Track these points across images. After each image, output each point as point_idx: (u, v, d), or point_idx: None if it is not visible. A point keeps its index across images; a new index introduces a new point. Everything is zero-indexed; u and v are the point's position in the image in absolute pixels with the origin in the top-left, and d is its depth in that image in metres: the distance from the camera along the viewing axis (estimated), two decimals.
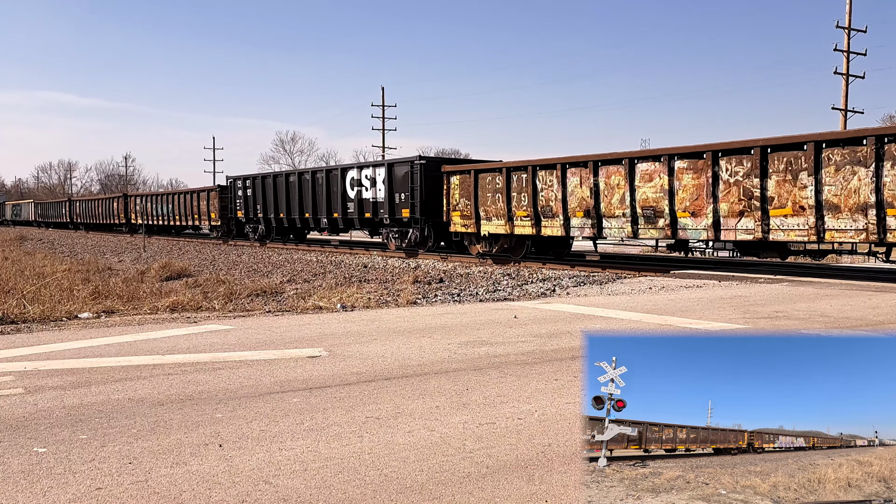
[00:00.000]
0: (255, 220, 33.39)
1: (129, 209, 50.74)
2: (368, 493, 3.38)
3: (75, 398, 5.17)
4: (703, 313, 9.69)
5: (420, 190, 23.10)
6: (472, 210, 21.29)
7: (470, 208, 21.40)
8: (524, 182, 19.49)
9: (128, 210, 51.17)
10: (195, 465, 3.76)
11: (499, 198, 20.39)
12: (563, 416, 4.71)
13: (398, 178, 24.29)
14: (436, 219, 22.98)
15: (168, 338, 7.87)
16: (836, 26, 40.86)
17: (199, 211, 39.93)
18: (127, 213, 51.16)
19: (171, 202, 44.20)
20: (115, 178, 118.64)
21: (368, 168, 26.20)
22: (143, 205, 48.46)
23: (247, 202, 33.90)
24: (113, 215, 53.87)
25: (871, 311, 9.82)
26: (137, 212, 48.93)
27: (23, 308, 10.00)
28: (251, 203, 33.41)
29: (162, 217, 45.32)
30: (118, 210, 52.95)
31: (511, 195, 19.86)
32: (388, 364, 6.38)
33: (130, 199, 51.64)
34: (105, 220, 55.98)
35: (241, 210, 34.51)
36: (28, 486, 3.46)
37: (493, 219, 20.68)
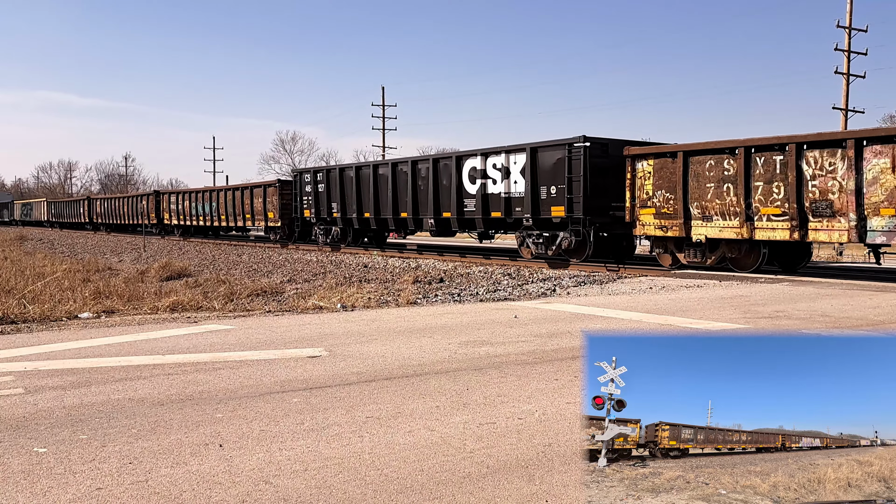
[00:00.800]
0: (328, 221, 28.42)
1: (162, 208, 46.23)
2: (369, 494, 3.38)
3: (75, 398, 5.17)
4: (703, 313, 9.69)
5: (583, 181, 17.89)
6: (677, 206, 16.25)
7: (673, 204, 16.36)
8: (777, 167, 14.52)
9: (160, 209, 46.62)
10: (195, 465, 3.76)
11: (728, 189, 15.30)
12: (564, 415, 4.71)
13: (545, 167, 19.04)
14: (601, 219, 18.15)
15: (168, 338, 7.87)
16: (837, 26, 40.86)
17: (252, 210, 34.97)
18: (159, 212, 46.68)
19: (214, 200, 39.04)
20: (115, 177, 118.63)
21: (498, 155, 20.31)
22: (180, 203, 43.37)
23: (318, 199, 28.73)
24: (140, 215, 48.98)
25: (872, 311, 9.82)
26: (172, 211, 44.31)
27: (23, 308, 10.01)
28: (324, 200, 28.29)
29: (203, 217, 40.26)
30: (147, 209, 48.14)
31: (751, 185, 14.90)
32: (388, 364, 6.38)
33: (163, 196, 46.62)
34: (130, 220, 51.33)
35: (308, 208, 29.35)
36: (28, 486, 3.46)
37: (714, 218, 15.66)
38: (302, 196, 30.01)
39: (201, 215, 40.41)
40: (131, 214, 51.09)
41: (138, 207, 49.68)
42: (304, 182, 29.87)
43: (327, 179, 28.17)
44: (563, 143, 18.53)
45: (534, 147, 19.41)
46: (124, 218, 52.74)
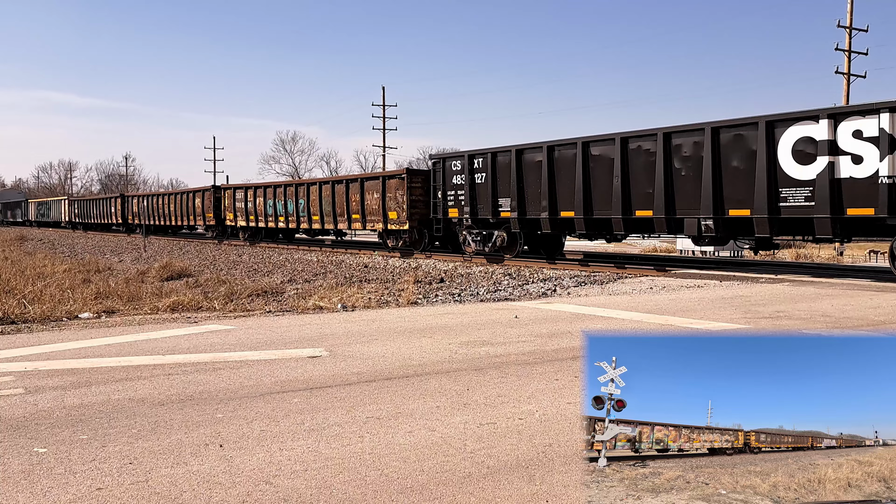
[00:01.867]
0: (491, 223, 21.22)
1: (224, 207, 37.98)
2: (369, 494, 3.38)
3: (76, 398, 5.17)
4: (704, 313, 9.69)
5: None
6: None
7: None
8: None
9: (220, 208, 38.18)
10: (196, 465, 3.76)
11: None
12: (564, 416, 4.71)
13: None
14: None
15: (168, 338, 7.88)
16: (838, 25, 40.84)
17: (362, 209, 26.85)
18: (219, 212, 38.20)
19: (302, 196, 31.16)
20: (116, 177, 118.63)
21: (866, 117, 13.23)
22: (249, 200, 35.30)
23: (475, 193, 21.52)
24: (192, 215, 41.29)
25: (873, 311, 9.81)
26: (238, 210, 36.26)
27: (23, 308, 10.01)
28: (485, 195, 21.15)
29: (283, 217, 32.67)
30: (203, 208, 39.63)
31: None
32: (388, 364, 6.38)
33: (226, 192, 38.12)
34: (179, 220, 43.48)
35: (456, 206, 22.28)
36: (28, 487, 3.46)
37: None
38: (446, 190, 22.64)
39: (281, 215, 32.67)
40: (181, 214, 42.88)
41: (190, 206, 41.34)
42: (451, 171, 22.51)
43: (493, 166, 20.84)
44: None
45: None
46: (171, 218, 44.41)
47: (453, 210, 22.55)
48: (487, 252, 21.47)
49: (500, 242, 21.04)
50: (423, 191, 24.23)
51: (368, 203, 26.58)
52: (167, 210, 45.00)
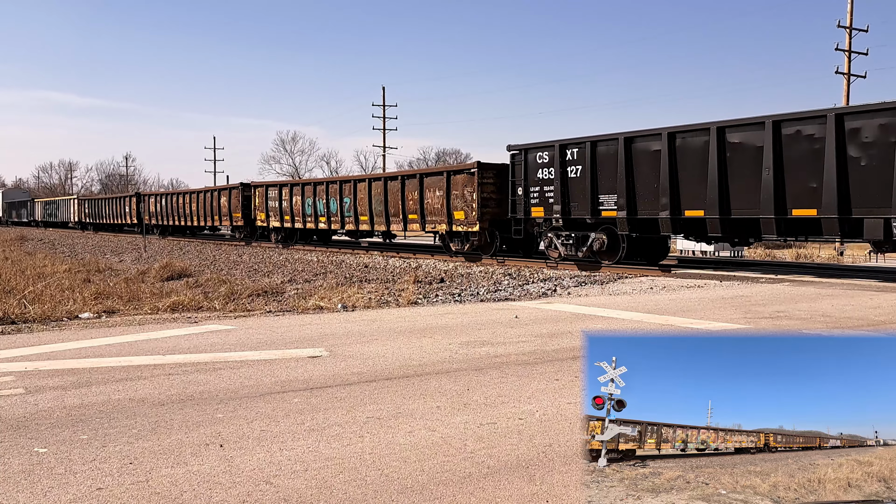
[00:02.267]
0: (589, 224, 18.28)
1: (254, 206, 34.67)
2: (369, 494, 3.38)
3: (76, 398, 5.18)
4: (704, 313, 9.69)
5: None
6: None
7: None
8: None
9: (250, 208, 35.09)
10: (196, 465, 3.76)
11: None
12: (564, 416, 4.71)
13: None
14: None
15: (169, 338, 7.88)
16: (838, 26, 40.84)
17: (421, 208, 23.61)
18: (249, 211, 35.30)
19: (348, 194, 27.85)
20: (116, 178, 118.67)
21: None
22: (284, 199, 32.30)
23: (566, 189, 18.59)
24: (216, 215, 38.19)
25: (873, 311, 9.81)
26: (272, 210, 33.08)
27: (23, 308, 10.01)
28: (580, 190, 18.28)
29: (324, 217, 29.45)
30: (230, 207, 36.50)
31: None
32: (388, 364, 6.38)
33: (256, 190, 34.64)
34: (200, 221, 40.44)
35: (542, 204, 19.30)
36: (29, 486, 3.47)
37: None
38: (528, 186, 19.61)
39: (322, 215, 29.44)
40: (204, 214, 39.70)
41: (215, 205, 38.17)
42: (536, 163, 19.41)
43: (592, 157, 17.88)
44: None
45: None
46: (192, 218, 41.46)
47: (538, 209, 19.38)
48: (580, 257, 18.57)
49: (599, 246, 18.03)
50: (496, 187, 21.17)
51: (429, 202, 23.30)
52: (188, 210, 41.70)
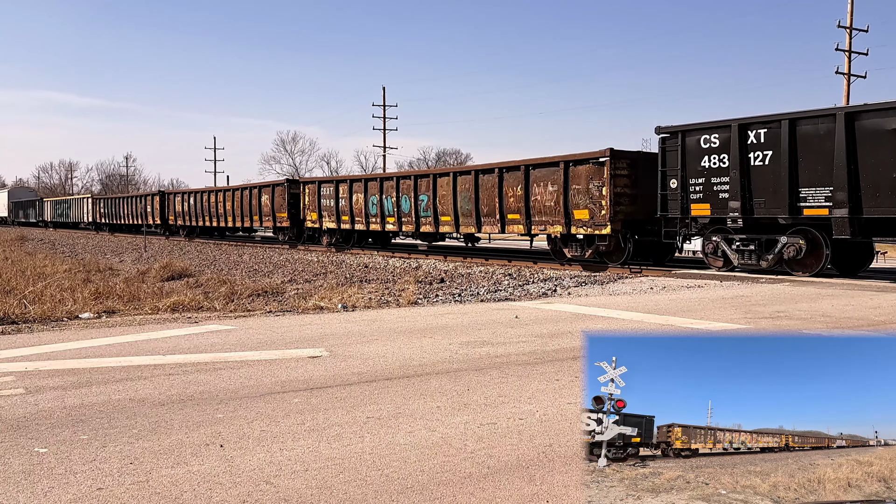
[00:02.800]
0: (781, 225, 15.00)
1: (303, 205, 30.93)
2: (370, 494, 3.38)
3: (76, 398, 5.18)
4: (704, 313, 9.69)
5: None
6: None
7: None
8: None
9: (298, 205, 31.36)
10: (196, 465, 3.76)
11: None
12: (565, 416, 4.71)
13: None
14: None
15: (169, 338, 7.88)
16: (838, 26, 40.85)
17: (526, 206, 20.07)
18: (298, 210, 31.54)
19: (426, 190, 23.81)
20: (116, 178, 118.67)
21: None
22: (342, 196, 28.19)
23: (748, 180, 15.25)
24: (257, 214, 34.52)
25: (873, 311, 9.81)
26: (326, 209, 29.22)
27: (24, 308, 10.01)
28: (773, 180, 14.86)
29: (392, 217, 25.52)
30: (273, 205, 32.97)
31: None
32: (389, 364, 6.38)
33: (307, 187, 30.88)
34: (238, 221, 36.50)
35: (705, 199, 16.03)
36: (29, 487, 3.47)
37: None
38: (688, 177, 16.19)
39: (390, 215, 25.47)
40: (240, 214, 36.05)
41: (254, 203, 34.64)
42: (699, 149, 16.04)
43: (791, 140, 14.47)
44: None
45: None
46: (225, 219, 37.66)
47: (701, 206, 15.92)
48: (764, 267, 15.23)
49: (793, 253, 14.77)
50: (630, 180, 17.82)
51: (538, 198, 19.63)
52: (221, 209, 37.92)
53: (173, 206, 44.72)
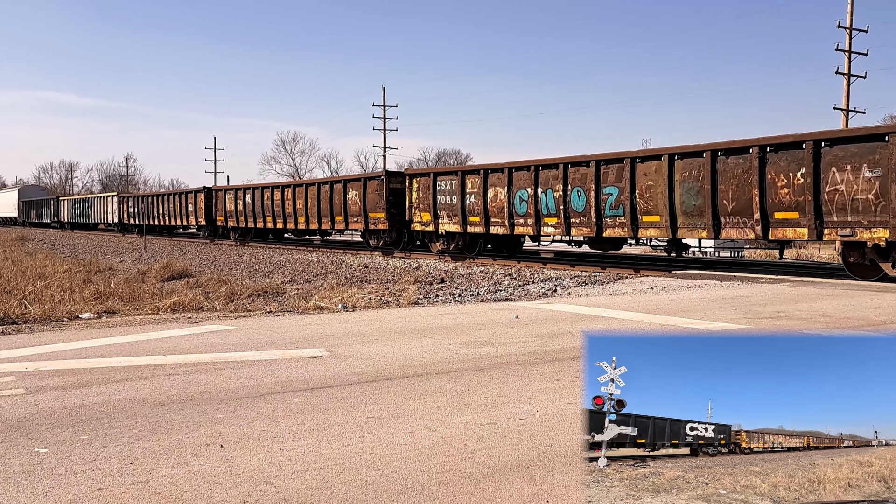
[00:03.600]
0: None
1: (411, 202, 25.00)
2: (370, 494, 3.38)
3: (76, 398, 5.18)
4: (704, 313, 9.68)
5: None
6: None
7: None
8: None
9: (401, 203, 25.59)
10: (196, 465, 3.76)
11: None
12: (565, 416, 4.71)
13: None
14: None
15: (169, 338, 7.88)
16: (838, 26, 40.85)
17: (710, 202, 15.61)
18: (400, 208, 25.79)
19: (585, 182, 18.64)
20: (117, 178, 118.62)
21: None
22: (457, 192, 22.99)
23: None
24: (338, 214, 28.45)
25: (873, 311, 9.81)
26: (443, 208, 23.61)
27: (24, 308, 10.01)
28: None
29: (542, 216, 20.19)
30: (364, 202, 26.92)
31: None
32: (389, 364, 6.38)
33: (413, 180, 25.04)
34: (318, 222, 29.88)
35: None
36: (29, 487, 3.47)
37: None
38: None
39: (550, 214, 19.84)
40: (315, 213, 29.71)
41: (336, 202, 28.55)
42: None
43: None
44: None
45: None
46: (291, 219, 31.49)
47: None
48: None
49: None
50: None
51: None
52: (289, 208, 31.64)
53: (224, 204, 37.63)
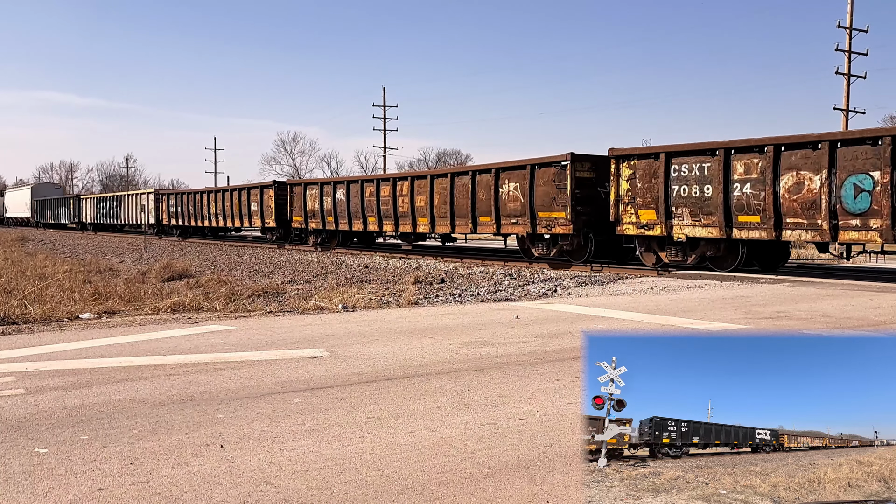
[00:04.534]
0: None
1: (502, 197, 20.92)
2: (370, 494, 3.38)
3: (76, 399, 5.18)
4: (704, 313, 9.68)
5: None
6: None
7: None
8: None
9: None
10: (196, 465, 3.76)
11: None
12: (565, 416, 4.71)
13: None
14: None
15: (169, 338, 7.88)
16: (838, 26, 40.84)
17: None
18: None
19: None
20: (117, 178, 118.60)
21: None
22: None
23: None
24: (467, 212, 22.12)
25: (873, 311, 9.81)
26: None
27: (24, 308, 10.01)
28: None
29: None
30: (517, 195, 20.26)
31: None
32: (389, 364, 6.38)
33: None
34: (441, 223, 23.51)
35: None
36: (29, 487, 3.47)
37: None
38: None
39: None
40: (444, 212, 23.42)
41: (477, 195, 22.03)
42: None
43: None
44: None
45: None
46: (411, 219, 24.90)
47: None
48: None
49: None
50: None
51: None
52: (391, 204, 25.72)
53: (301, 201, 31.17)
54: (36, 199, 76.48)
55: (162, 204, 45.89)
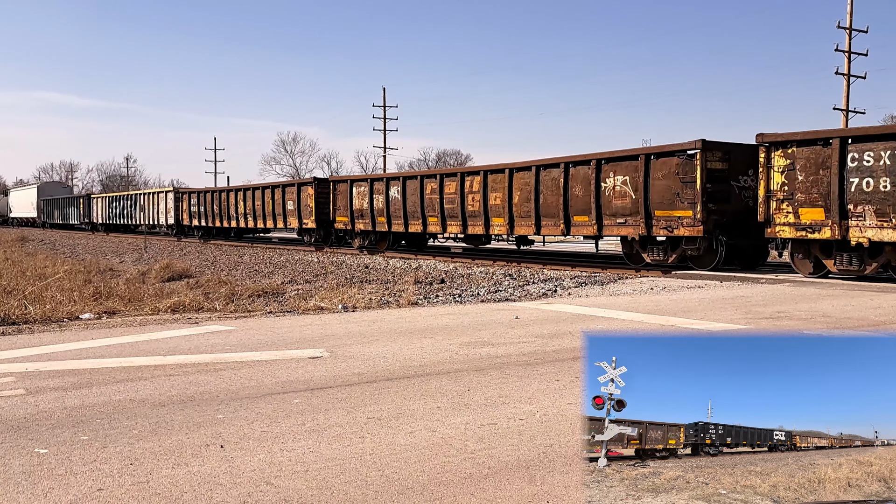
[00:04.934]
0: None
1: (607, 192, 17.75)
2: (370, 494, 3.38)
3: (76, 399, 5.18)
4: (704, 314, 9.69)
5: None
6: None
7: None
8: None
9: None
10: (196, 465, 3.76)
11: None
12: (565, 416, 4.71)
13: None
14: None
15: (169, 338, 7.88)
16: (838, 27, 40.85)
17: None
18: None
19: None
20: (117, 178, 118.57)
21: None
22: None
23: None
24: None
25: (873, 312, 9.81)
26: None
27: (24, 309, 10.02)
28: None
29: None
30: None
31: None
32: (389, 365, 6.38)
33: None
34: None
35: None
36: (29, 487, 3.47)
37: None
38: None
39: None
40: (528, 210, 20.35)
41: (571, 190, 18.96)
42: None
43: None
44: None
45: None
46: (484, 219, 21.88)
47: None
48: None
49: None
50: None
51: None
52: (481, 204, 22.01)
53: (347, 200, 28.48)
54: (42, 198, 74.97)
55: (182, 203, 42.96)
